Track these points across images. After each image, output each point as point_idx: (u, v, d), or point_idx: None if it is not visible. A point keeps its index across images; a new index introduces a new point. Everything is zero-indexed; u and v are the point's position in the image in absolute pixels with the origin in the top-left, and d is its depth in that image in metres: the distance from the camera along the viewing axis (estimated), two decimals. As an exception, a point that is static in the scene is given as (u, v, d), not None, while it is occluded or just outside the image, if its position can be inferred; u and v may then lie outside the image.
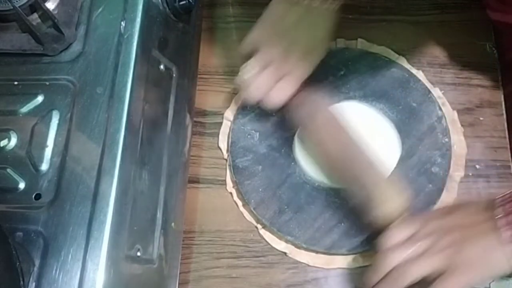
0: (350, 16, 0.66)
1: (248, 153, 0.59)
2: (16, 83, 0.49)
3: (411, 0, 0.66)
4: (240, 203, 0.58)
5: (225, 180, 0.59)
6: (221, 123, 0.62)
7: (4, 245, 0.39)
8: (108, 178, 0.43)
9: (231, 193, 0.59)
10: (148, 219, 0.47)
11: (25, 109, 0.48)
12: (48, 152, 0.46)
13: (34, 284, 0.41)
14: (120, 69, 0.47)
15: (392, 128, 0.58)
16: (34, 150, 0.46)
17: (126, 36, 0.48)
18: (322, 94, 0.56)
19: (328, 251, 0.55)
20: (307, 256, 0.55)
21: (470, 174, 0.58)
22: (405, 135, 0.58)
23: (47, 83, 0.48)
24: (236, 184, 0.58)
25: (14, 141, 0.47)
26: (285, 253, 0.56)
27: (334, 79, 0.61)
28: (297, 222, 0.55)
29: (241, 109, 0.61)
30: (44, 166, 0.45)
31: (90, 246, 0.41)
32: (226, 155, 0.60)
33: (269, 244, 0.56)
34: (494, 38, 0.63)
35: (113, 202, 0.42)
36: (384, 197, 0.50)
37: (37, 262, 0.41)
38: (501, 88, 0.61)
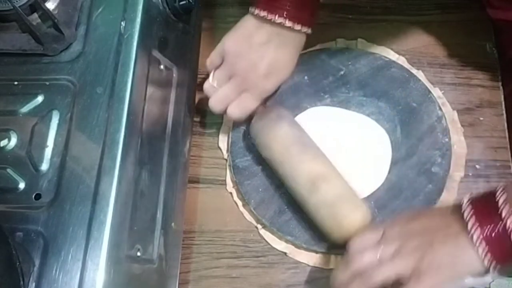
0: (350, 16, 0.66)
1: (248, 153, 0.59)
2: (16, 83, 0.49)
3: (411, 0, 0.66)
4: (240, 203, 0.58)
5: (225, 180, 0.59)
6: (221, 123, 0.62)
7: (4, 245, 0.39)
8: (108, 178, 0.43)
9: (231, 193, 0.59)
10: (148, 219, 0.47)
11: (25, 109, 0.48)
12: (48, 152, 0.46)
13: (34, 284, 0.41)
14: (120, 69, 0.47)
15: (382, 131, 0.58)
16: (34, 150, 0.46)
17: (126, 36, 0.48)
18: (281, 110, 0.56)
19: (328, 251, 0.54)
20: (307, 256, 0.55)
21: (470, 174, 0.58)
22: (405, 135, 0.58)
23: (47, 83, 0.48)
24: (236, 184, 0.58)
25: (14, 141, 0.47)
26: (285, 253, 0.56)
27: (334, 79, 0.61)
28: (297, 222, 0.55)
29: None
30: (44, 166, 0.45)
31: (90, 246, 0.41)
32: (226, 155, 0.60)
33: (269, 244, 0.56)
34: (494, 38, 0.63)
35: (113, 202, 0.42)
36: (345, 211, 0.50)
37: (37, 262, 0.41)
38: (501, 88, 0.61)
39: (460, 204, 0.44)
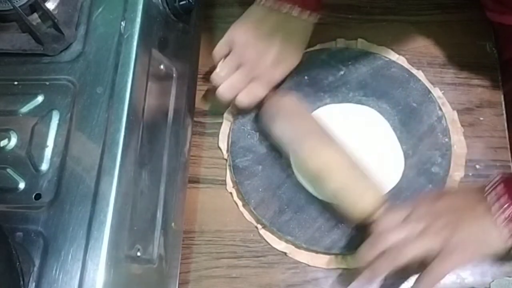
0: (350, 16, 0.66)
1: (248, 153, 0.59)
2: (16, 83, 0.49)
3: (411, 0, 0.66)
4: (240, 203, 0.58)
5: (225, 180, 0.59)
6: (221, 123, 0.62)
7: (4, 245, 0.39)
8: (108, 178, 0.43)
9: (231, 193, 0.59)
10: (148, 219, 0.47)
11: (25, 109, 0.48)
12: (48, 152, 0.46)
13: (34, 284, 0.41)
14: (120, 69, 0.47)
15: (391, 130, 0.58)
16: (34, 150, 0.46)
17: (126, 36, 0.48)
18: (291, 97, 0.56)
19: (328, 251, 0.55)
20: (307, 256, 0.55)
21: (470, 174, 0.58)
22: (405, 135, 0.58)
23: (47, 83, 0.48)
24: (236, 184, 0.58)
25: (14, 141, 0.47)
26: (285, 253, 0.56)
27: (334, 79, 0.61)
28: (297, 222, 0.55)
29: (241, 109, 0.61)
30: (44, 166, 0.45)
31: (90, 246, 0.41)
32: (226, 155, 0.60)
33: (269, 244, 0.56)
34: (494, 38, 0.63)
35: (113, 202, 0.42)
36: (359, 191, 0.51)
37: (37, 262, 0.41)
38: (501, 88, 0.61)
39: (484, 186, 0.46)
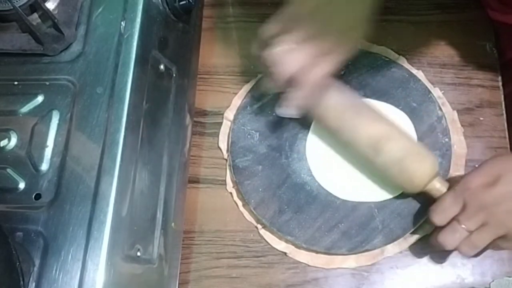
0: (350, 16, 0.66)
1: (248, 153, 0.59)
2: (16, 83, 0.49)
3: (411, 0, 0.66)
4: (240, 203, 0.58)
5: (225, 180, 0.59)
6: (221, 123, 0.62)
7: (4, 245, 0.39)
8: (108, 178, 0.43)
9: (231, 193, 0.59)
10: (148, 219, 0.47)
11: (25, 109, 0.48)
12: (48, 152, 0.46)
13: (34, 284, 0.41)
14: (120, 69, 0.47)
15: (407, 118, 0.59)
16: (34, 150, 0.46)
17: (126, 36, 0.48)
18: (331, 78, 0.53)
19: (328, 251, 0.55)
20: (307, 256, 0.55)
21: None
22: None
23: (47, 83, 0.48)
24: (236, 184, 0.58)
25: (14, 141, 0.47)
26: (285, 253, 0.56)
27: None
28: (297, 222, 0.55)
29: (241, 109, 0.61)
30: (44, 166, 0.45)
31: (90, 246, 0.41)
32: (226, 155, 0.60)
33: (269, 244, 0.56)
34: (494, 38, 0.63)
35: (113, 202, 0.42)
36: (418, 161, 0.51)
37: (37, 262, 0.41)
38: (501, 88, 0.61)
39: None
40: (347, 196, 0.56)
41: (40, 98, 0.48)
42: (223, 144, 0.61)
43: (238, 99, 0.62)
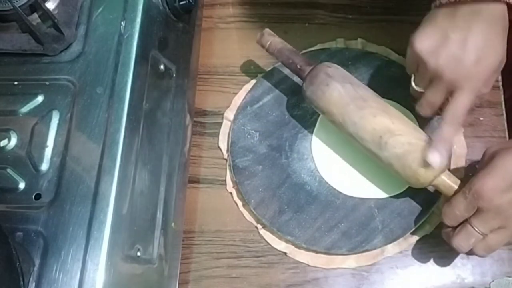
0: (350, 16, 0.66)
1: (248, 153, 0.59)
2: (16, 83, 0.49)
3: (411, 0, 0.66)
4: (240, 203, 0.58)
5: (225, 180, 0.59)
6: (221, 123, 0.62)
7: (4, 245, 0.39)
8: (108, 178, 0.43)
9: (231, 193, 0.59)
10: (148, 219, 0.47)
11: (25, 109, 0.48)
12: (48, 152, 0.46)
13: (34, 284, 0.41)
14: (120, 69, 0.47)
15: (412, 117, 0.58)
16: (34, 150, 0.46)
17: (126, 36, 0.48)
18: (329, 67, 0.53)
19: (328, 251, 0.54)
20: (307, 256, 0.55)
21: (470, 174, 0.57)
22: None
23: (47, 83, 0.48)
24: (236, 184, 0.58)
25: (14, 141, 0.47)
26: (285, 253, 0.56)
27: (334, 79, 0.61)
28: (297, 222, 0.55)
29: (241, 109, 0.61)
30: (44, 166, 0.45)
31: (90, 246, 0.41)
32: (226, 155, 0.60)
33: (269, 244, 0.56)
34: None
35: (113, 202, 0.42)
36: (418, 160, 0.48)
37: (37, 262, 0.41)
38: (501, 88, 0.61)
39: None
40: (349, 191, 0.56)
41: (40, 98, 0.48)
42: (223, 144, 0.61)
43: (238, 99, 0.62)
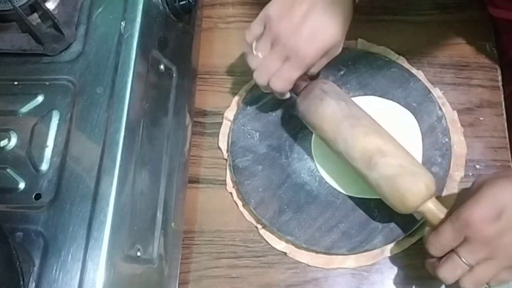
0: (350, 16, 0.66)
1: (248, 153, 0.59)
2: (16, 83, 0.49)
3: (411, 0, 0.66)
4: (240, 203, 0.58)
5: (225, 180, 0.59)
6: (221, 123, 0.62)
7: (4, 245, 0.39)
8: (108, 178, 0.43)
9: (231, 193, 0.59)
10: (148, 219, 0.47)
11: (25, 109, 0.48)
12: (48, 152, 0.46)
13: (34, 284, 0.41)
14: (120, 69, 0.47)
15: (411, 116, 0.58)
16: (34, 150, 0.46)
17: (126, 36, 0.48)
18: (325, 83, 0.53)
19: (328, 251, 0.55)
20: (307, 256, 0.55)
21: (470, 174, 0.58)
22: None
23: (47, 83, 0.48)
24: (236, 184, 0.58)
25: (14, 141, 0.47)
26: (285, 253, 0.56)
27: (334, 79, 0.61)
28: (297, 222, 0.55)
29: (241, 109, 0.61)
30: (44, 166, 0.45)
31: (90, 246, 0.41)
32: (226, 155, 0.60)
33: (269, 244, 0.56)
34: (494, 38, 0.63)
35: (113, 202, 0.42)
36: (407, 185, 0.47)
37: (37, 262, 0.41)
38: (501, 88, 0.61)
39: None
40: (349, 191, 0.56)
41: (40, 98, 0.48)
42: (223, 144, 0.61)
43: (238, 99, 0.62)
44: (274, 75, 0.51)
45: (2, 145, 0.46)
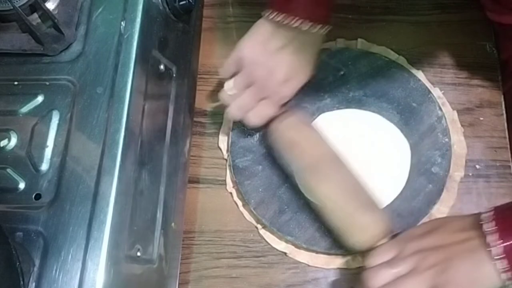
0: (350, 16, 0.66)
1: (248, 153, 0.59)
2: (16, 83, 0.49)
3: (411, 0, 0.66)
4: (240, 203, 0.58)
5: (225, 180, 0.59)
6: (221, 123, 0.62)
7: (4, 245, 0.39)
8: (108, 178, 0.43)
9: (231, 193, 0.59)
10: (148, 219, 0.47)
11: (25, 109, 0.48)
12: (48, 152, 0.46)
13: (34, 284, 0.41)
14: (120, 69, 0.47)
15: (398, 131, 0.58)
16: (34, 150, 0.46)
17: (126, 36, 0.48)
18: (300, 117, 0.56)
19: (328, 251, 0.55)
20: (307, 256, 0.55)
21: (470, 174, 0.58)
22: (405, 135, 0.58)
23: (47, 83, 0.48)
24: (236, 184, 0.58)
25: (14, 141, 0.47)
26: (285, 253, 0.56)
27: (334, 79, 0.61)
28: (297, 222, 0.55)
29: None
30: (44, 166, 0.45)
31: (90, 246, 0.41)
32: (226, 155, 0.60)
33: (269, 244, 0.56)
34: (494, 38, 0.63)
35: (113, 202, 0.42)
36: (362, 224, 0.50)
37: (37, 262, 0.41)
38: (501, 88, 0.61)
39: (479, 216, 0.44)
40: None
41: (40, 98, 0.48)
42: (223, 144, 0.61)
43: (238, 99, 0.62)
44: (251, 112, 0.54)
45: (2, 145, 0.46)
